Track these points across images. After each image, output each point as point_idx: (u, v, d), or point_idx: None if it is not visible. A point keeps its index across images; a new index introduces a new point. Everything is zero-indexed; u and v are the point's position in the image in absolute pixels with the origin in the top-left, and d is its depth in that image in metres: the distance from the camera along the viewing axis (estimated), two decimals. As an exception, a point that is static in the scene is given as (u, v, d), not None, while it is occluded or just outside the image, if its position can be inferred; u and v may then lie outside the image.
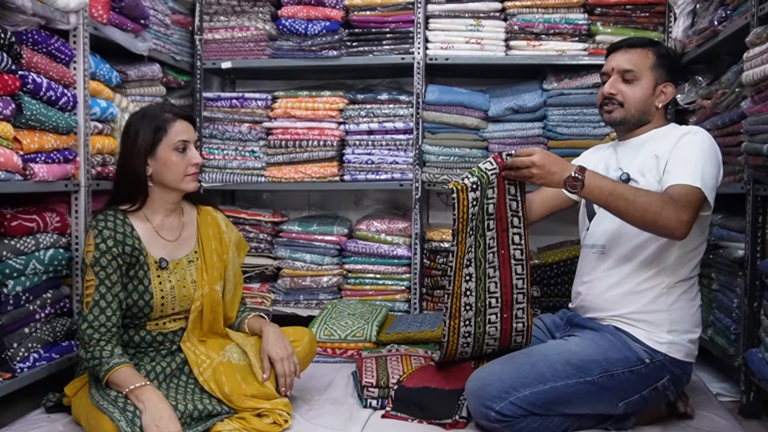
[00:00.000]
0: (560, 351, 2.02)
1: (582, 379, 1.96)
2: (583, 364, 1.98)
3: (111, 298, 1.99)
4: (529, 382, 1.95)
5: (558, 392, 1.95)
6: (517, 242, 2.13)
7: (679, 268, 2.05)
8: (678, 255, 2.04)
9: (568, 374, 1.96)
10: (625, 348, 2.01)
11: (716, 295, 2.63)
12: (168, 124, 2.10)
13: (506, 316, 2.12)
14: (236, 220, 3.47)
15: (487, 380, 1.99)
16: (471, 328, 2.10)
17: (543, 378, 1.96)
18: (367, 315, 3.03)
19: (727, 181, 2.50)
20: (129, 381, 1.90)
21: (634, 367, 1.99)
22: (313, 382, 2.50)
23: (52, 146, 2.31)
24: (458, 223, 2.01)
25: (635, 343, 2.02)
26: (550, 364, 1.98)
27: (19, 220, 2.20)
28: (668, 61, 2.17)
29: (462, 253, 2.04)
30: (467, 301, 2.07)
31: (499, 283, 2.12)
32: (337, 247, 3.43)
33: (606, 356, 1.99)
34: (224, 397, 2.06)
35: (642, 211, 1.88)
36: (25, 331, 2.24)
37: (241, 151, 3.47)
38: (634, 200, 1.89)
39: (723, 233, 2.58)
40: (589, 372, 1.97)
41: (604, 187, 1.92)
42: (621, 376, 1.98)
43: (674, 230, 1.89)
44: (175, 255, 2.15)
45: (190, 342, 2.15)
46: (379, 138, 3.38)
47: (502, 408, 1.94)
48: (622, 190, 1.92)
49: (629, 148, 2.16)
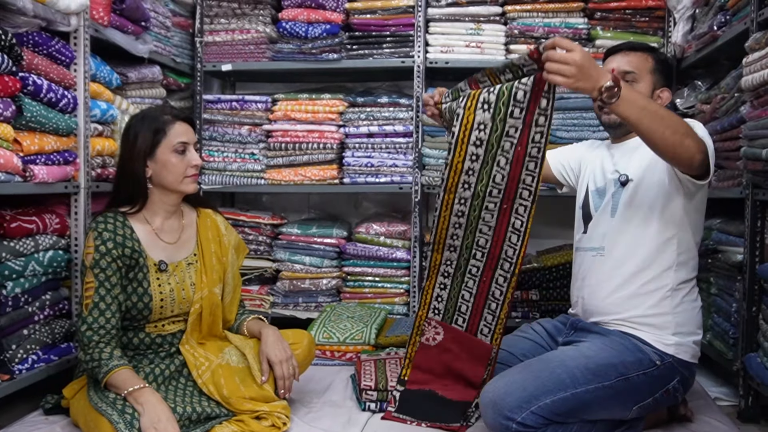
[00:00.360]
0: (576, 356, 2.00)
1: (600, 384, 1.94)
2: (601, 369, 1.96)
3: (110, 300, 1.99)
4: (550, 390, 1.91)
5: (578, 399, 1.93)
6: (537, 140, 1.98)
7: (681, 268, 2.05)
8: (679, 254, 2.04)
9: (588, 380, 1.94)
10: (637, 350, 2.00)
11: (715, 300, 2.63)
12: (167, 125, 2.11)
13: (506, 207, 2.05)
14: (236, 223, 3.47)
15: (507, 389, 1.93)
16: (465, 208, 2.06)
17: (563, 385, 1.93)
18: (366, 318, 3.03)
19: (726, 186, 2.50)
20: (128, 383, 1.90)
21: (647, 370, 1.98)
22: (311, 385, 2.50)
23: (52, 148, 2.31)
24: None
25: (645, 345, 2.01)
26: (569, 370, 1.95)
27: (19, 221, 2.20)
28: (666, 67, 2.18)
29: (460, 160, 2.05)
30: (466, 179, 2.04)
31: (506, 177, 2.03)
32: (337, 250, 3.43)
33: (621, 360, 1.98)
34: (223, 399, 2.06)
35: (673, 128, 1.83)
36: (24, 332, 2.24)
37: (241, 154, 3.47)
38: (666, 116, 1.84)
39: (722, 238, 2.58)
40: (607, 376, 1.95)
41: (639, 100, 1.84)
42: (636, 380, 1.97)
43: (696, 154, 1.85)
44: (174, 257, 2.15)
45: (189, 344, 2.15)
46: (379, 141, 3.38)
47: (524, 418, 1.89)
48: (654, 106, 1.86)
49: (625, 151, 2.16)
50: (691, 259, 2.08)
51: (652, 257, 2.05)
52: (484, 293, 2.15)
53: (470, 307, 2.18)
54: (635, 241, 2.06)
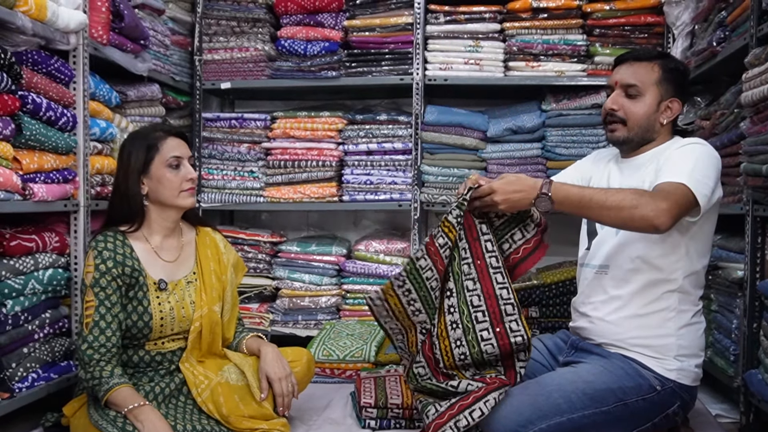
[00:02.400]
0: (574, 380, 1.97)
1: (598, 409, 1.92)
2: (599, 395, 1.94)
3: (111, 319, 1.98)
4: (546, 415, 1.90)
5: (574, 424, 1.91)
6: (490, 249, 2.04)
7: (687, 289, 2.02)
8: (684, 274, 2.00)
9: (585, 405, 1.92)
10: (637, 375, 1.97)
11: (715, 316, 2.62)
12: (159, 141, 2.12)
13: (499, 330, 2.01)
14: (235, 240, 3.47)
15: (504, 413, 1.92)
16: (465, 348, 2.03)
17: (559, 410, 1.91)
18: (366, 335, 3.02)
19: (726, 202, 2.49)
20: (128, 401, 1.89)
21: (646, 396, 1.96)
22: (311, 403, 2.49)
23: (52, 166, 2.31)
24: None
25: (645, 370, 1.99)
26: (566, 395, 1.93)
27: (18, 239, 2.19)
28: (676, 76, 2.09)
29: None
30: (452, 319, 2.02)
31: (482, 296, 2.02)
32: (336, 268, 3.42)
33: (620, 385, 1.95)
34: (222, 418, 2.05)
35: (617, 209, 1.84)
36: (24, 351, 2.23)
37: (240, 172, 3.48)
38: (606, 200, 1.86)
39: (722, 254, 2.58)
40: (605, 402, 1.93)
41: (573, 196, 1.88)
42: (634, 405, 1.95)
43: (654, 219, 1.82)
44: (174, 276, 2.15)
45: (188, 362, 2.14)
46: (378, 158, 3.39)
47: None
48: (591, 193, 1.89)
49: (634, 168, 2.11)
50: (696, 281, 2.04)
51: (656, 278, 2.01)
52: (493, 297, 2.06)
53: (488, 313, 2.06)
54: (639, 260, 2.02)
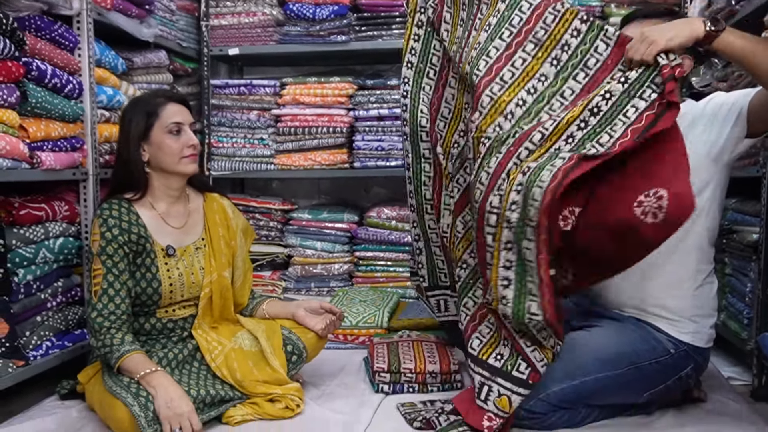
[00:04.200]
0: (587, 344, 1.97)
1: (611, 372, 1.93)
2: (612, 358, 1.94)
3: (119, 287, 1.99)
4: (558, 378, 1.91)
5: (587, 387, 1.92)
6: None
7: (705, 246, 1.99)
8: (704, 228, 1.97)
9: (597, 368, 1.92)
10: (651, 339, 1.97)
11: (729, 280, 2.61)
12: (159, 107, 2.10)
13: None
14: (246, 209, 3.46)
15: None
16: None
17: (572, 373, 1.92)
18: (379, 302, 3.02)
19: (742, 165, 2.47)
20: (140, 367, 1.90)
21: (660, 358, 1.95)
22: (324, 368, 2.50)
23: (59, 134, 2.30)
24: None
25: (659, 333, 1.98)
26: (578, 358, 1.94)
27: (28, 208, 2.19)
28: None
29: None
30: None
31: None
32: (348, 235, 3.42)
33: (633, 348, 1.95)
34: (236, 383, 2.06)
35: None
36: (37, 319, 2.24)
37: (250, 139, 3.46)
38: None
39: (737, 217, 2.55)
40: (618, 365, 1.93)
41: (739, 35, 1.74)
42: (648, 368, 1.94)
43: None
44: (182, 242, 2.14)
45: (201, 329, 2.15)
46: (389, 124, 3.35)
47: (532, 406, 1.91)
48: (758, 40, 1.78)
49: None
50: (713, 238, 2.02)
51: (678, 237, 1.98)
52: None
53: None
54: None
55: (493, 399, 1.88)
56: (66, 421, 2.03)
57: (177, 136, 2.11)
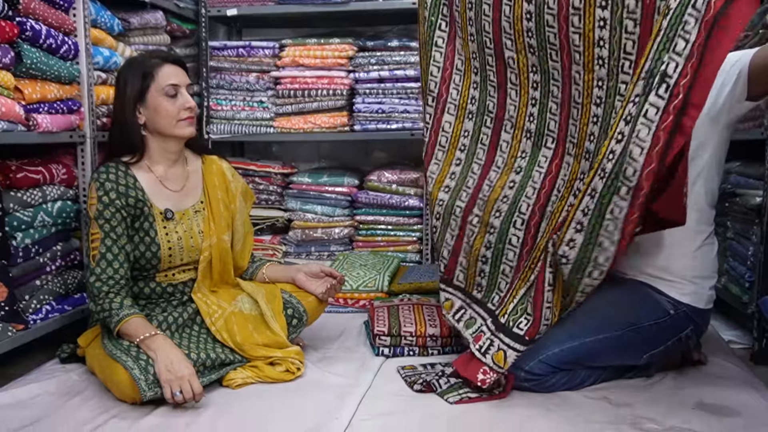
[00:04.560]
0: (587, 305, 1.96)
1: (610, 333, 1.93)
2: (611, 319, 1.94)
3: (117, 251, 1.98)
4: (558, 340, 1.92)
5: (587, 348, 1.93)
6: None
7: (704, 207, 1.97)
8: (704, 190, 1.96)
9: (597, 329, 1.93)
10: (651, 300, 1.97)
11: (731, 244, 2.60)
12: (155, 69, 2.07)
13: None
14: (246, 172, 3.44)
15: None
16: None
17: (572, 335, 1.93)
18: (379, 266, 3.02)
19: (746, 127, 2.44)
20: (140, 331, 1.90)
21: (659, 320, 1.95)
22: (325, 332, 2.50)
23: (55, 96, 2.27)
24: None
25: (659, 294, 1.98)
26: (578, 320, 1.94)
27: (25, 172, 2.17)
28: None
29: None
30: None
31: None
32: (348, 199, 3.40)
33: (633, 310, 1.96)
34: (236, 346, 2.06)
35: None
36: (37, 283, 2.24)
37: (249, 102, 3.42)
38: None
39: (740, 180, 2.53)
40: (617, 326, 1.94)
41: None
42: (647, 329, 1.95)
43: None
44: (180, 205, 2.13)
45: (201, 293, 2.14)
46: (390, 86, 3.31)
47: (532, 367, 1.91)
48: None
49: None
50: (713, 199, 2.00)
51: None
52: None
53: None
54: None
55: (492, 353, 1.89)
56: (67, 384, 2.03)
57: (173, 98, 2.07)
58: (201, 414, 1.81)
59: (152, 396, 1.81)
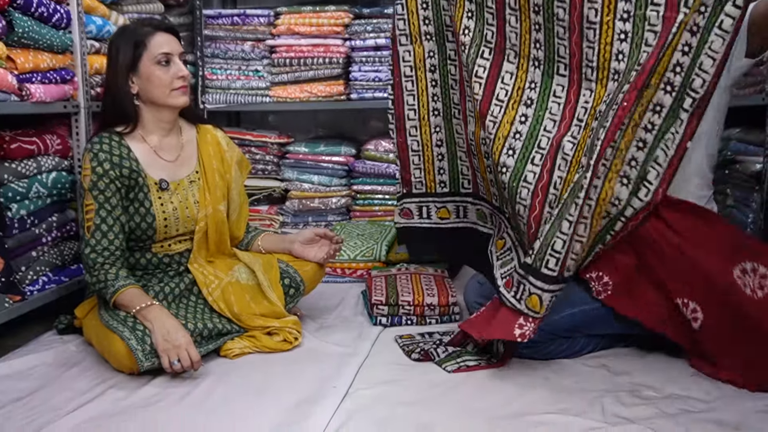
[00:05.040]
0: None
1: None
2: None
3: (112, 222, 1.96)
4: (557, 308, 1.89)
5: (585, 315, 1.92)
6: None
7: (705, 171, 1.96)
8: (704, 154, 1.94)
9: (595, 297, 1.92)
10: None
11: (731, 211, 2.58)
12: (147, 37, 2.04)
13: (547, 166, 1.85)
14: (242, 142, 3.42)
15: None
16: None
17: (571, 302, 1.92)
18: (377, 235, 3.01)
19: (747, 93, 2.42)
20: (136, 301, 1.90)
21: None
22: (322, 302, 2.50)
23: (48, 66, 2.24)
24: None
25: None
26: (578, 288, 1.93)
27: (19, 142, 2.15)
28: None
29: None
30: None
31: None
32: (345, 168, 3.39)
33: None
34: (234, 316, 2.06)
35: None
36: (33, 254, 2.23)
37: (245, 71, 3.39)
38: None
39: (740, 147, 2.51)
40: None
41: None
42: None
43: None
44: (175, 176, 2.11)
45: (197, 263, 2.14)
46: (386, 54, 3.27)
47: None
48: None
49: None
50: (711, 162, 1.99)
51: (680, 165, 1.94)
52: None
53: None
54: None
55: (525, 298, 1.81)
56: (64, 355, 2.04)
57: (166, 67, 2.04)
58: (199, 384, 1.81)
59: (149, 366, 1.81)
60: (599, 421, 1.58)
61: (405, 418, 1.61)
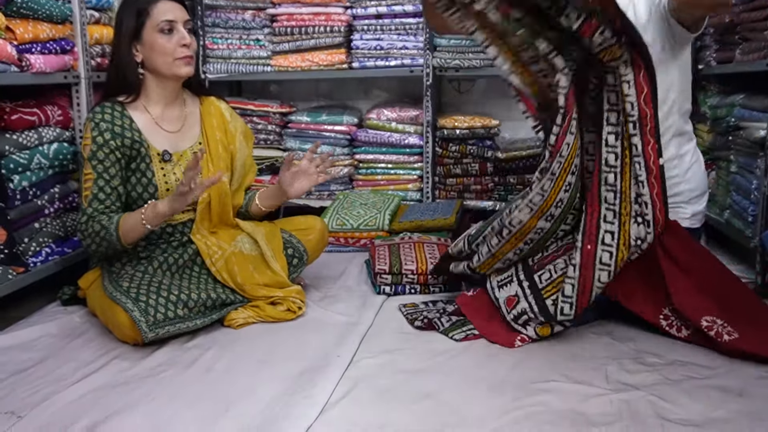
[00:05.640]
0: None
1: None
2: None
3: (110, 191, 1.96)
4: None
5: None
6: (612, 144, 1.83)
7: (682, 128, 2.00)
8: (679, 113, 1.98)
9: None
10: None
11: (734, 178, 2.57)
12: (150, 5, 2.02)
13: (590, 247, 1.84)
14: (244, 112, 3.40)
15: None
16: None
17: None
18: (380, 204, 3.00)
19: (750, 59, 2.40)
20: (136, 215, 1.91)
21: None
22: (326, 271, 2.51)
23: (48, 36, 2.22)
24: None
25: None
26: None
27: (20, 113, 2.14)
28: None
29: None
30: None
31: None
32: (348, 137, 3.37)
33: None
34: (237, 286, 2.06)
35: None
36: (35, 226, 2.23)
37: (246, 40, 3.36)
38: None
39: (744, 113, 2.49)
40: None
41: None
42: None
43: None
44: (178, 147, 2.10)
45: (200, 234, 2.13)
46: (388, 22, 3.24)
47: None
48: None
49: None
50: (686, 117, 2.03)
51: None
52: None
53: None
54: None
55: (534, 326, 1.87)
56: (68, 326, 2.05)
57: (169, 35, 2.02)
58: (203, 354, 1.82)
59: (153, 337, 1.82)
60: (603, 387, 1.59)
61: (409, 386, 1.62)
